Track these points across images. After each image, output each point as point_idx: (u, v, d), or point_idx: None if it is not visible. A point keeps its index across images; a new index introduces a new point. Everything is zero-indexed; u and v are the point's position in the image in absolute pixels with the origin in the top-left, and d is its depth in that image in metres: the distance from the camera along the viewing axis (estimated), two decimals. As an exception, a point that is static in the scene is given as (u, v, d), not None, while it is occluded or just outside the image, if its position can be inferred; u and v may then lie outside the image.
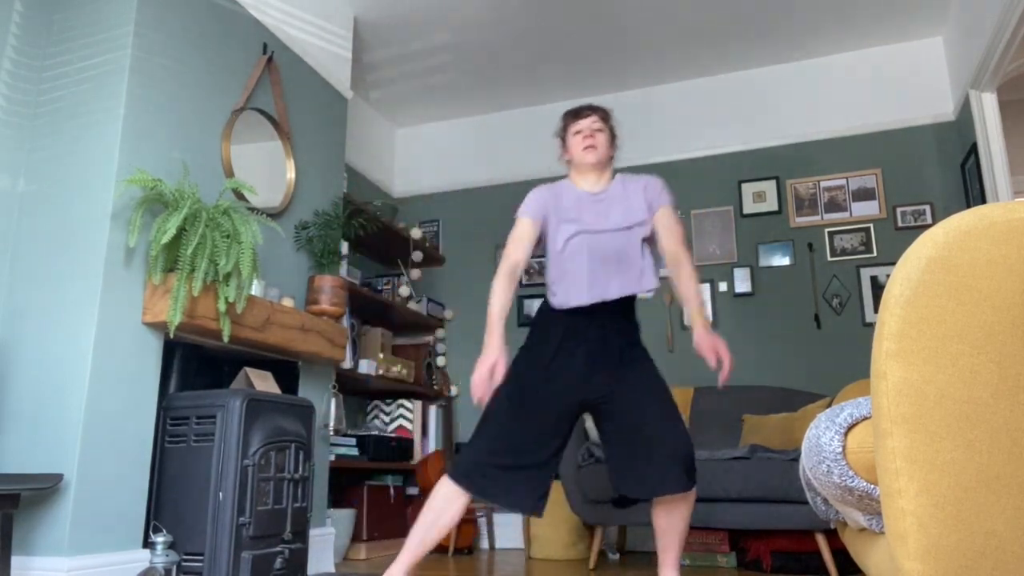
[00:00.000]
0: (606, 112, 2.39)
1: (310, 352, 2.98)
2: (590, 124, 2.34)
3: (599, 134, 2.33)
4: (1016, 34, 3.19)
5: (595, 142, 2.31)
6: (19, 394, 2.32)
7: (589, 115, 2.35)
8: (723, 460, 3.09)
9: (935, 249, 0.95)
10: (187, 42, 2.75)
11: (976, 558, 0.91)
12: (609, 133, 2.37)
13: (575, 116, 2.37)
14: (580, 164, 2.33)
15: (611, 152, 2.37)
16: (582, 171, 2.35)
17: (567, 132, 2.38)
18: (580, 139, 2.33)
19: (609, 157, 2.36)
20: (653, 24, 4.09)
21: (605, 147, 2.34)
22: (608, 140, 2.36)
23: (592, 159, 2.31)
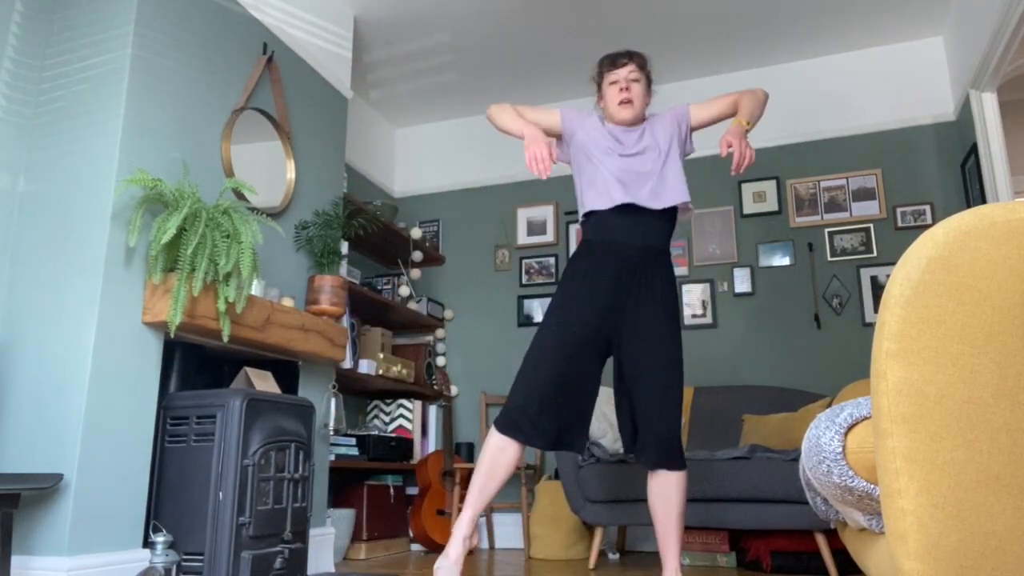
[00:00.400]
0: (643, 58, 2.40)
1: (310, 352, 2.99)
2: (627, 74, 2.34)
3: (635, 85, 2.34)
4: (1016, 34, 3.19)
5: (631, 95, 2.32)
6: (19, 394, 2.32)
7: (626, 63, 2.35)
8: (723, 460, 3.09)
9: (935, 249, 0.95)
10: (187, 42, 2.75)
11: (976, 558, 0.91)
12: (646, 81, 2.39)
13: (612, 64, 2.37)
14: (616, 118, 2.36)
15: (647, 101, 2.40)
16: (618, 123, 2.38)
17: (603, 80, 2.39)
18: (616, 91, 2.33)
19: (644, 107, 2.38)
20: (653, 24, 4.09)
21: (641, 98, 2.35)
22: (645, 89, 2.38)
23: (628, 115, 2.33)
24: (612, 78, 2.35)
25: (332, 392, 3.28)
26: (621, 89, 2.31)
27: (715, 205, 4.43)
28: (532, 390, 2.17)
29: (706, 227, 4.42)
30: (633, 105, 2.32)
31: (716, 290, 4.31)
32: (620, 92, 2.31)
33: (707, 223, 4.42)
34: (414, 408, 4.24)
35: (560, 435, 2.19)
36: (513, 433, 2.17)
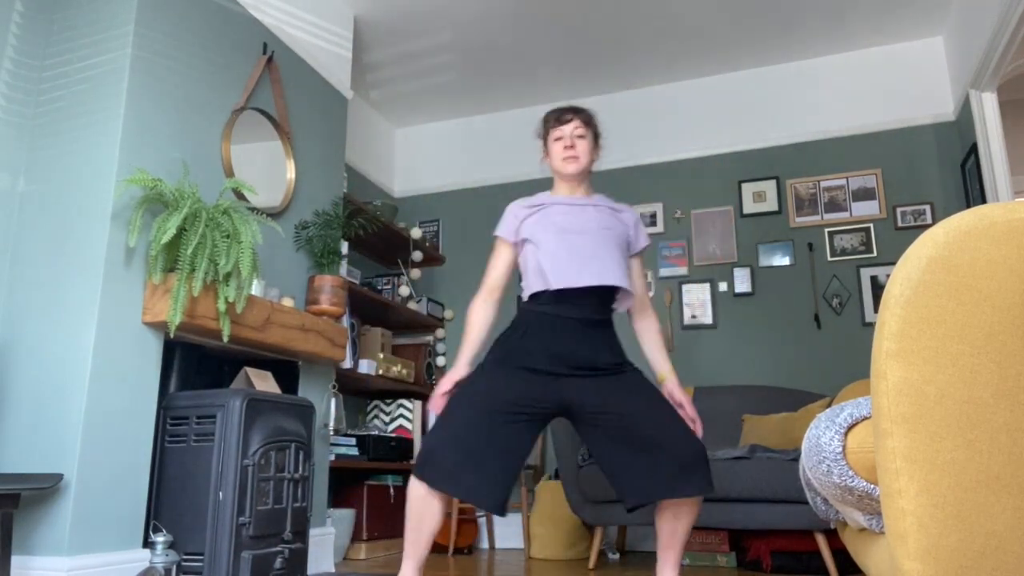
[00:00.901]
0: (589, 115, 2.33)
1: (310, 352, 2.98)
2: (572, 130, 2.28)
3: (580, 141, 2.27)
4: (1016, 34, 3.19)
5: (576, 152, 2.26)
6: (19, 394, 2.32)
7: (571, 120, 2.29)
8: (723, 460, 3.09)
9: (935, 249, 0.95)
10: (187, 42, 2.75)
11: (976, 558, 0.91)
12: (592, 138, 2.31)
13: (557, 121, 2.31)
14: (560, 173, 2.30)
15: (593, 158, 2.33)
16: (563, 179, 2.31)
17: (548, 136, 2.33)
18: (561, 147, 2.28)
19: (590, 165, 2.32)
20: (653, 24, 4.09)
21: (587, 154, 2.29)
22: (590, 147, 2.30)
23: (573, 169, 2.26)
24: (557, 134, 2.29)
25: (332, 392, 3.28)
26: (566, 146, 2.26)
27: (715, 205, 4.43)
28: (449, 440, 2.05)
29: (706, 227, 4.42)
30: (579, 160, 2.26)
31: (716, 290, 4.31)
32: (565, 149, 2.26)
33: (707, 223, 4.42)
34: (414, 408, 4.24)
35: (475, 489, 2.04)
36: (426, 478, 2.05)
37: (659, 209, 4.52)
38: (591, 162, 2.32)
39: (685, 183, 4.53)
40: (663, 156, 4.59)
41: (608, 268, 2.17)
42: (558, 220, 2.23)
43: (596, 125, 2.35)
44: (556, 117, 2.32)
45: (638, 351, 4.38)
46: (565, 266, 2.15)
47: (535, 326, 2.17)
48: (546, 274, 2.16)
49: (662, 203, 4.53)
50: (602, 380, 2.13)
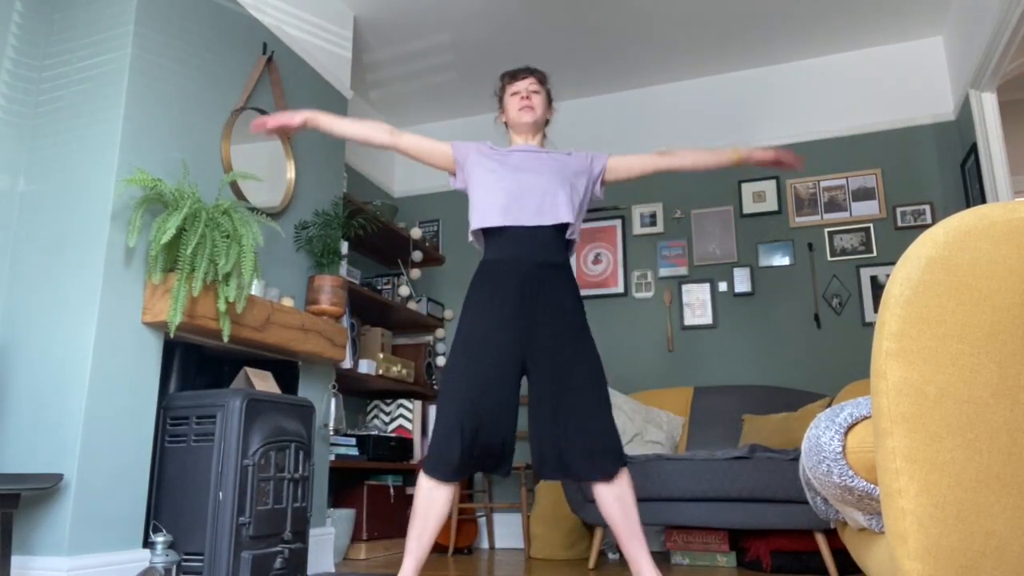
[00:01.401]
0: (543, 75, 2.45)
1: (310, 352, 2.99)
2: (527, 86, 2.39)
3: (535, 95, 2.37)
4: (1016, 34, 3.19)
5: (532, 103, 2.35)
6: (19, 394, 2.32)
7: (526, 77, 2.40)
8: (723, 460, 3.09)
9: (935, 249, 0.95)
10: (187, 42, 2.75)
11: (976, 558, 0.91)
12: (546, 96, 2.41)
13: (512, 77, 2.42)
14: (516, 124, 2.38)
15: (548, 114, 2.42)
16: (519, 131, 2.40)
17: (504, 93, 2.43)
18: (517, 100, 2.37)
19: (545, 120, 2.42)
20: (653, 24, 4.09)
21: (542, 108, 2.38)
22: (544, 102, 2.40)
23: (529, 118, 2.35)
24: (513, 89, 2.40)
25: (332, 392, 3.28)
26: (522, 98, 2.37)
27: (715, 205, 4.43)
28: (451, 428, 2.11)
29: (706, 227, 4.42)
30: (534, 111, 2.35)
31: (716, 290, 4.31)
32: (521, 99, 2.37)
33: (707, 223, 4.42)
34: (414, 408, 4.24)
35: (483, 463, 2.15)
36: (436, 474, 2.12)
37: (659, 209, 4.52)
38: (545, 118, 2.41)
39: (685, 183, 4.53)
40: (663, 156, 4.59)
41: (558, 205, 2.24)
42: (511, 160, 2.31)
43: (549, 87, 2.47)
44: (512, 74, 2.44)
45: (624, 352, 4.38)
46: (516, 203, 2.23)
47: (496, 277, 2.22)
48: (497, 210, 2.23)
49: (662, 203, 4.53)
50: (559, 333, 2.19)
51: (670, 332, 4.34)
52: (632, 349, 4.40)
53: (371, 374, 3.82)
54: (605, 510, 2.19)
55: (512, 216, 2.22)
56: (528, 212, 2.22)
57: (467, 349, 2.17)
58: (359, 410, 4.34)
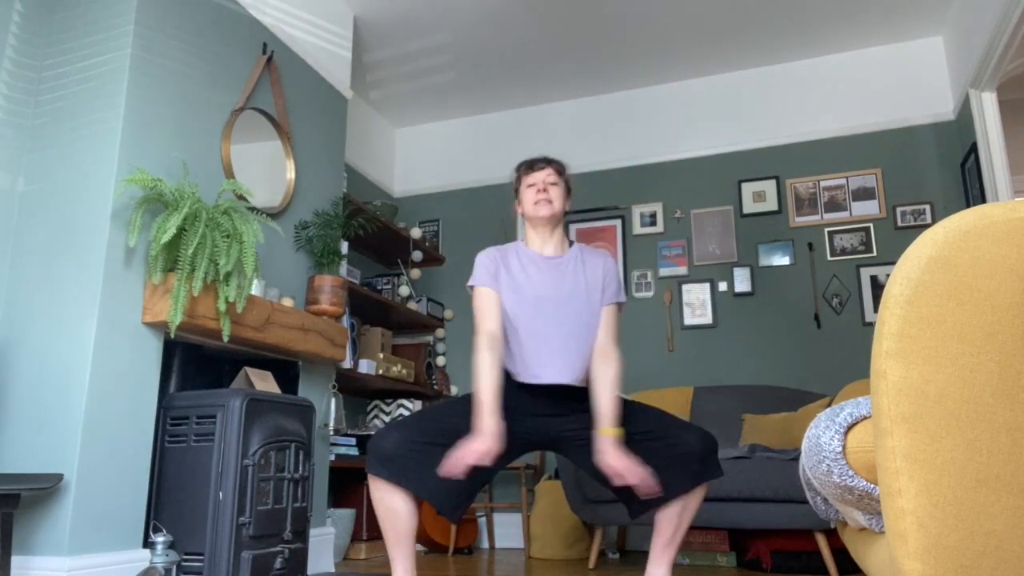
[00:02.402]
0: (561, 165, 2.32)
1: (310, 352, 2.98)
2: (544, 177, 2.27)
3: (553, 188, 2.26)
4: (1016, 34, 3.19)
5: (549, 196, 2.24)
6: (19, 394, 2.32)
7: (543, 168, 2.28)
8: (723, 460, 3.09)
9: (935, 248, 0.95)
10: (187, 42, 2.75)
11: (976, 558, 0.91)
12: (564, 187, 2.29)
13: (529, 168, 2.30)
14: (533, 218, 2.26)
15: (565, 206, 2.30)
16: (535, 225, 2.28)
17: (520, 184, 2.31)
18: (533, 192, 2.25)
19: (563, 212, 2.29)
20: (653, 24, 4.09)
21: (560, 201, 2.26)
22: (563, 194, 2.28)
23: (545, 212, 2.23)
24: (529, 181, 2.28)
25: (332, 392, 3.28)
26: (539, 191, 2.25)
27: (715, 205, 4.43)
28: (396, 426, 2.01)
29: (706, 227, 4.42)
30: (552, 204, 2.23)
31: (716, 290, 4.31)
32: (538, 193, 2.25)
33: (707, 223, 4.42)
34: (414, 408, 4.24)
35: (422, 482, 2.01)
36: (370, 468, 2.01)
37: (659, 209, 4.52)
38: (563, 211, 2.29)
39: (685, 183, 4.53)
40: (663, 156, 4.59)
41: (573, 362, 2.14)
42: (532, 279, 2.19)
43: (568, 177, 2.35)
44: (528, 165, 2.32)
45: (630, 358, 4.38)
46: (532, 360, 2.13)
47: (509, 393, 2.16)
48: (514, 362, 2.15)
49: (662, 203, 4.53)
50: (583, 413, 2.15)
51: (670, 332, 4.34)
52: (632, 349, 4.40)
53: (371, 374, 3.82)
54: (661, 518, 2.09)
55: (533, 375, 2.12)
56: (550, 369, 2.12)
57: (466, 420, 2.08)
58: (359, 410, 4.34)
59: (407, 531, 2.02)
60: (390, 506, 2.01)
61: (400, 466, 2.00)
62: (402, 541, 2.02)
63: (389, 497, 2.01)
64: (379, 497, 2.02)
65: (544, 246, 2.27)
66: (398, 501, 2.01)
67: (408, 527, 2.02)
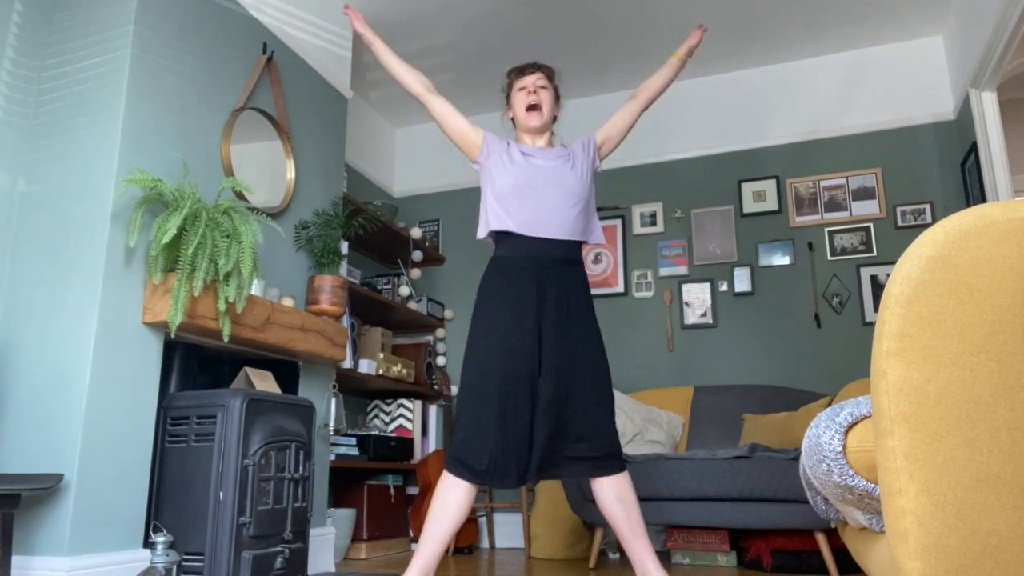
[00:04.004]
0: (551, 70, 2.44)
1: (310, 352, 2.98)
2: (534, 81, 2.38)
3: (543, 91, 2.37)
4: (1016, 33, 3.19)
5: (539, 99, 2.35)
6: (19, 394, 2.32)
7: (533, 72, 2.39)
8: (723, 460, 3.09)
9: (935, 248, 0.95)
10: (187, 42, 2.75)
11: (976, 557, 0.91)
12: (553, 92, 2.41)
13: (519, 73, 2.41)
14: (524, 125, 2.36)
15: (555, 112, 2.42)
16: (526, 130, 2.39)
17: (511, 89, 2.42)
18: (524, 95, 2.36)
19: (552, 118, 2.40)
20: (652, 25, 4.09)
21: (549, 105, 2.37)
22: (552, 98, 2.39)
23: (536, 122, 2.35)
24: (520, 84, 2.38)
25: (332, 392, 3.28)
26: (529, 93, 2.34)
27: (715, 204, 4.43)
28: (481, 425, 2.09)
29: (706, 226, 4.42)
30: (541, 111, 2.33)
31: (716, 290, 4.31)
32: (528, 95, 2.34)
33: (707, 222, 4.42)
34: (414, 408, 4.24)
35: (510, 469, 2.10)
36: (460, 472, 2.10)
37: (659, 209, 4.52)
38: (552, 116, 2.40)
39: (685, 183, 4.52)
40: (663, 156, 4.59)
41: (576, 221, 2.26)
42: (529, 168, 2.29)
43: (557, 84, 2.45)
44: (519, 70, 2.42)
45: (624, 355, 4.38)
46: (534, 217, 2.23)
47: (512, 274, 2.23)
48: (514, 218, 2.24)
49: (662, 203, 4.53)
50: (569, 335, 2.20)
51: (670, 332, 4.34)
52: (632, 349, 4.40)
53: (371, 374, 3.82)
54: (607, 511, 2.18)
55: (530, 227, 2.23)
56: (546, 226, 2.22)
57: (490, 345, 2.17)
58: (359, 410, 4.34)
59: (453, 528, 2.10)
60: (452, 499, 2.09)
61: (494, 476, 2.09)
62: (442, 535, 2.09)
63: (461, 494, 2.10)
64: (447, 487, 2.10)
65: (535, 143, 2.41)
66: (464, 498, 2.10)
67: (455, 525, 2.11)
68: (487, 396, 2.12)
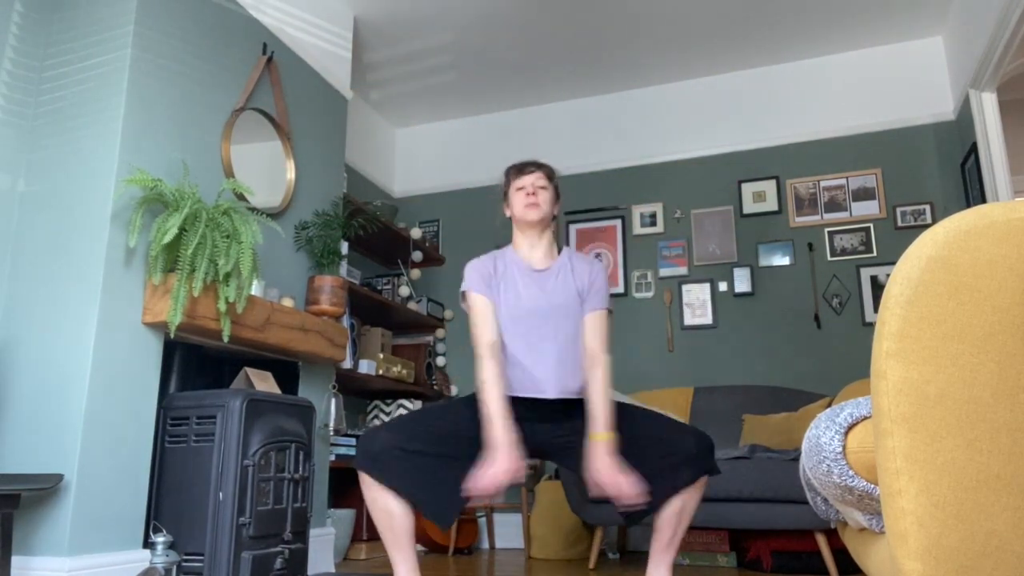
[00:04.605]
0: (551, 169, 2.32)
1: (310, 352, 2.98)
2: (533, 181, 2.26)
3: (542, 192, 2.25)
4: (1016, 34, 3.19)
5: (537, 200, 2.23)
6: (19, 394, 2.32)
7: (533, 171, 2.28)
8: (723, 460, 3.09)
9: (935, 248, 0.95)
10: (187, 42, 2.75)
11: (976, 558, 0.91)
12: (553, 191, 2.29)
13: (518, 172, 2.30)
14: (521, 221, 2.26)
15: (554, 211, 2.30)
16: (523, 229, 2.27)
17: (509, 188, 2.31)
18: (523, 196, 2.25)
19: (552, 216, 2.29)
20: (653, 24, 4.09)
21: (548, 204, 2.26)
22: (551, 198, 2.28)
23: (534, 216, 2.22)
24: (518, 184, 2.27)
25: (332, 392, 3.28)
26: (528, 194, 2.24)
27: (715, 205, 4.43)
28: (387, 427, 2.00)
29: (706, 227, 4.42)
30: (540, 208, 2.23)
31: (716, 290, 4.31)
32: (527, 196, 2.24)
33: (707, 223, 4.42)
34: (414, 408, 4.24)
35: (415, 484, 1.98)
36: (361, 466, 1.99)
37: (659, 209, 4.52)
38: (551, 215, 2.29)
39: (685, 183, 4.52)
40: (663, 156, 4.59)
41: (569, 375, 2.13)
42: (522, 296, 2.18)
43: (557, 182, 2.34)
44: (518, 168, 2.31)
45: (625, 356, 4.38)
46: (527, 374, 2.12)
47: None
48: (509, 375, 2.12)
49: (662, 203, 4.53)
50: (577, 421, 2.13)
51: (670, 332, 4.34)
52: (632, 349, 4.40)
53: (371, 374, 3.82)
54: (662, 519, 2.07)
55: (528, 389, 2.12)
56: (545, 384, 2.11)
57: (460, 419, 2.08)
58: (359, 410, 4.34)
59: (404, 532, 1.99)
60: (384, 507, 1.99)
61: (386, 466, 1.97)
62: (400, 542, 1.99)
63: (382, 498, 1.99)
64: (372, 497, 2.00)
65: (533, 251, 2.26)
66: (391, 501, 1.99)
67: (405, 527, 1.99)
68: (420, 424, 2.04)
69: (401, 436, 2.00)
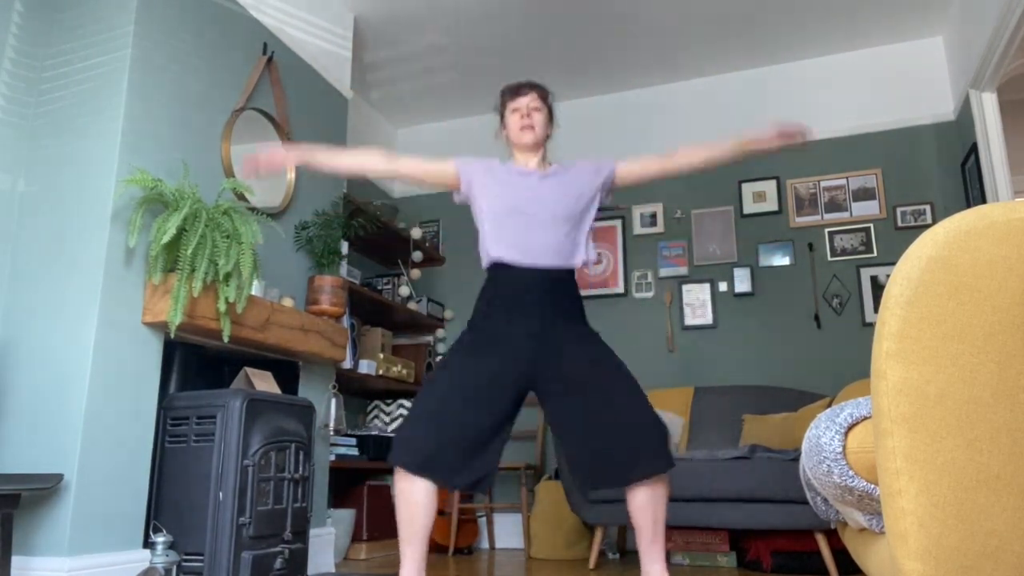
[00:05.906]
0: (545, 90, 2.38)
1: (310, 352, 2.98)
2: (528, 102, 2.32)
3: (536, 113, 2.31)
4: (1016, 34, 3.19)
5: (532, 121, 2.30)
6: (19, 394, 2.32)
7: (528, 93, 2.33)
8: (723, 460, 3.09)
9: (935, 249, 0.95)
10: (187, 42, 2.75)
11: (976, 558, 0.91)
12: (547, 113, 2.35)
13: (513, 93, 2.35)
14: (517, 143, 2.32)
15: (548, 132, 2.36)
16: (520, 150, 2.34)
17: (505, 109, 2.37)
18: (518, 117, 2.31)
19: (546, 137, 2.35)
20: (653, 24, 4.09)
21: (542, 126, 2.32)
22: (546, 120, 2.34)
23: (529, 139, 2.29)
24: (513, 106, 2.33)
25: (332, 392, 3.28)
26: (522, 115, 2.30)
27: (715, 205, 4.43)
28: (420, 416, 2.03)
29: (706, 227, 4.42)
30: (535, 130, 2.29)
31: (716, 290, 4.31)
32: (521, 118, 2.30)
33: (707, 223, 4.42)
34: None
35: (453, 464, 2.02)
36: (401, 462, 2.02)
37: (659, 209, 4.52)
38: (546, 136, 2.35)
39: (685, 183, 4.52)
40: (663, 156, 4.59)
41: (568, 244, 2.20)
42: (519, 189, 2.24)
43: (551, 102, 2.40)
44: (513, 90, 2.36)
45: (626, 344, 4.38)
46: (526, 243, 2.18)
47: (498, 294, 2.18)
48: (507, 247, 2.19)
49: (662, 203, 4.53)
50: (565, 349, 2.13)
51: (670, 332, 4.34)
52: (632, 349, 4.40)
53: (371, 374, 3.82)
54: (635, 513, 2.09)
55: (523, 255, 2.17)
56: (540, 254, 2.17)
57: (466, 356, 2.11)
58: (359, 410, 4.34)
59: (423, 528, 2.03)
60: (412, 499, 2.02)
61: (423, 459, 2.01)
62: (416, 538, 2.03)
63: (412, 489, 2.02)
64: (403, 488, 2.03)
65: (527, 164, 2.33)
66: (421, 495, 2.02)
67: (425, 523, 2.03)
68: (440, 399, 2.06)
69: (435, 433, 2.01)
